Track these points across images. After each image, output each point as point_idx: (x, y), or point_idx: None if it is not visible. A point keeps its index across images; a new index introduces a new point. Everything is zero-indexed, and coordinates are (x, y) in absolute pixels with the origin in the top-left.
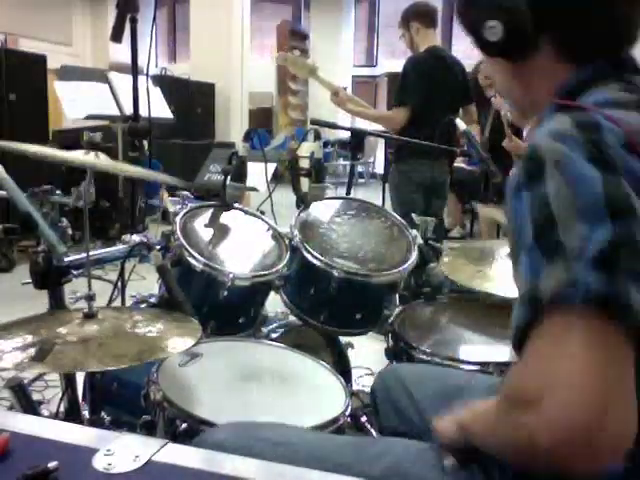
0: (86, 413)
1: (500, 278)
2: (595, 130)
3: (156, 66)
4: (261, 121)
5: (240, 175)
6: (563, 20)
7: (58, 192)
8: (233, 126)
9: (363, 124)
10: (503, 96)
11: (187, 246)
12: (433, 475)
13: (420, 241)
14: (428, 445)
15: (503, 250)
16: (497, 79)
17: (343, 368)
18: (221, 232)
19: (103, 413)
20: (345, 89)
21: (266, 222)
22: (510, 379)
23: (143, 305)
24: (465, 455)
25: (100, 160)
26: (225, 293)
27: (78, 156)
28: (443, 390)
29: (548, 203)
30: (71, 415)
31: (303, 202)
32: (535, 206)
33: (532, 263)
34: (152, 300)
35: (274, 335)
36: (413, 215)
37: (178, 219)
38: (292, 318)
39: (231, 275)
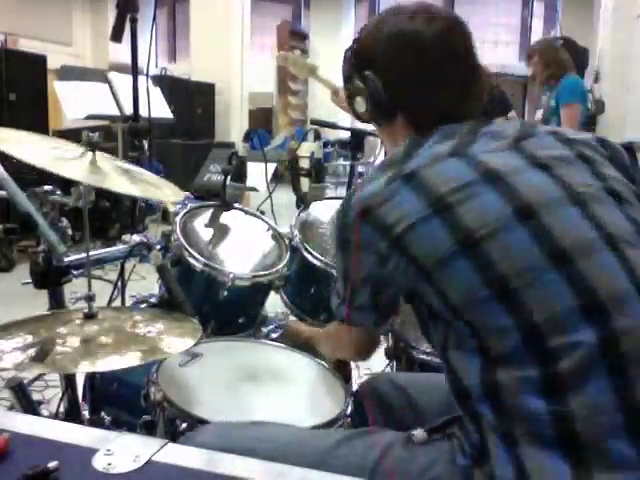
0: (86, 413)
1: None
2: (344, 214)
3: (156, 66)
4: (261, 121)
5: (240, 175)
6: (404, 101)
7: (58, 192)
8: (233, 126)
9: (363, 124)
10: (386, 150)
11: (187, 246)
12: (423, 459)
13: None
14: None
15: None
16: (381, 136)
17: (344, 368)
18: (221, 232)
19: (103, 413)
20: None
21: (266, 222)
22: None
23: (143, 305)
24: (434, 428)
25: (96, 174)
26: (225, 293)
27: (75, 169)
28: (446, 397)
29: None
30: (71, 415)
31: (303, 202)
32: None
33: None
34: (152, 300)
35: (274, 335)
36: None
37: (178, 219)
38: (292, 318)
39: (231, 275)
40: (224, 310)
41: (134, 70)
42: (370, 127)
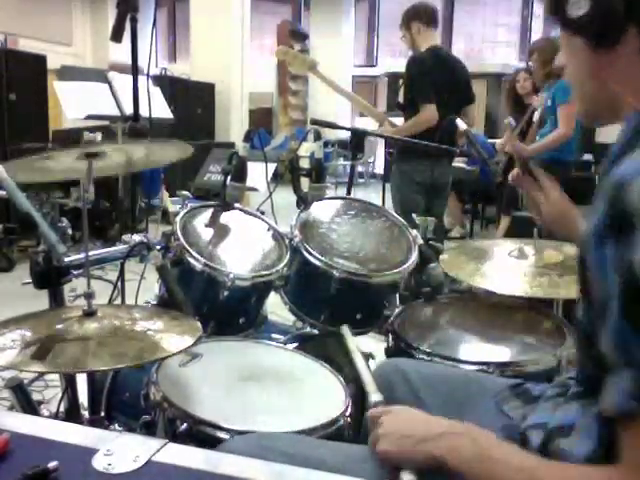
0: (86, 413)
1: (498, 276)
2: None
3: (156, 66)
4: (261, 121)
5: (240, 175)
6: None
7: (58, 192)
8: (233, 126)
9: (363, 124)
10: (574, 88)
11: (187, 246)
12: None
13: (420, 241)
14: None
15: (501, 249)
16: (570, 67)
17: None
18: (221, 232)
19: (103, 413)
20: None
21: (266, 222)
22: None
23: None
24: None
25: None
26: (225, 293)
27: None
28: (450, 393)
29: (636, 272)
30: (71, 415)
31: (303, 202)
32: (623, 268)
33: (620, 333)
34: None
35: (291, 345)
36: (413, 215)
37: (178, 219)
38: (309, 328)
39: (231, 275)
40: (224, 310)
41: (134, 70)
42: (370, 127)
